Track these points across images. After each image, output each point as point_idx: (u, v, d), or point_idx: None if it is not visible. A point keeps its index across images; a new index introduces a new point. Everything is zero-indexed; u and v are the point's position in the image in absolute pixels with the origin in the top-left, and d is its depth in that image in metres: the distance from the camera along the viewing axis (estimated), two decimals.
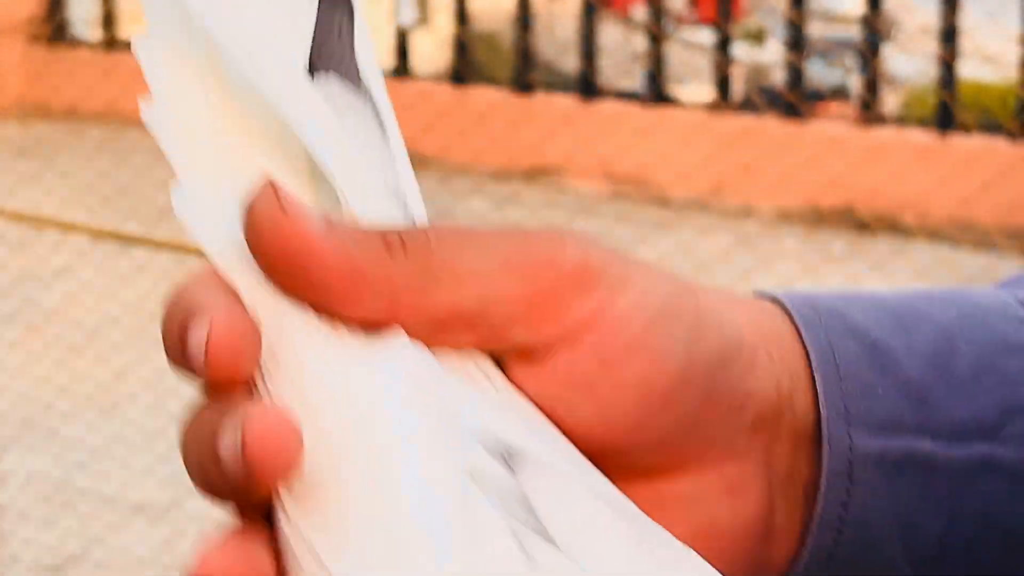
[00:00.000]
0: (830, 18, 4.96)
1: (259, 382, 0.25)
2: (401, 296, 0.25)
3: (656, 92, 4.68)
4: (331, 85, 0.28)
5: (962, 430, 0.30)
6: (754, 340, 0.29)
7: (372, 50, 0.30)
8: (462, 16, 5.19)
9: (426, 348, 0.26)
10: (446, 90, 5.06)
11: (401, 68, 5.23)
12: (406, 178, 0.29)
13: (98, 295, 3.83)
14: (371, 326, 0.25)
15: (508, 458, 0.27)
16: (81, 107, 5.30)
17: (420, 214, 0.29)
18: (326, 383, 0.25)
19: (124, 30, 5.38)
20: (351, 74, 0.29)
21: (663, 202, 4.31)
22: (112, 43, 5.42)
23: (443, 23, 5.44)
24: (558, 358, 0.26)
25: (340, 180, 0.27)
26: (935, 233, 3.83)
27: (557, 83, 5.20)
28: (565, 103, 4.92)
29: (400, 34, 5.30)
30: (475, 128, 4.43)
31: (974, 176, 3.30)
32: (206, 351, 0.23)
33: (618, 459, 0.27)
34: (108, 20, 5.49)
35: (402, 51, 5.29)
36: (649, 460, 0.28)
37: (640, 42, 5.09)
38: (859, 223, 3.73)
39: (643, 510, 0.27)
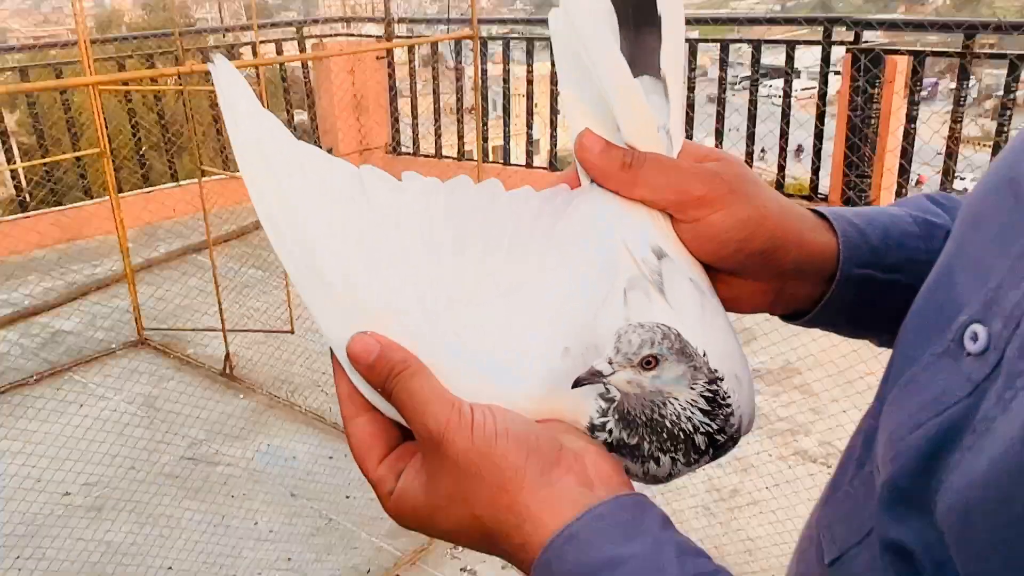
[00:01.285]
0: None
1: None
2: (623, 187, 0.56)
3: None
4: (644, 80, 0.58)
5: (887, 268, 0.60)
6: (804, 250, 0.58)
7: (676, 56, 0.58)
8: None
9: (640, 203, 0.56)
10: None
11: None
12: (674, 122, 0.58)
13: None
14: (620, 193, 0.56)
15: (659, 255, 0.55)
16: None
17: (678, 139, 0.58)
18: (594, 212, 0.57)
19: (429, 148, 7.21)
20: (654, 71, 0.58)
21: None
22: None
23: None
24: (685, 226, 0.56)
25: (625, 127, 0.56)
26: None
27: None
28: None
29: None
30: None
31: None
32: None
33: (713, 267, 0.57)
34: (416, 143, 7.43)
35: None
36: (724, 271, 0.58)
37: None
38: None
39: (720, 284, 0.58)
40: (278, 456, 3.81)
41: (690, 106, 5.75)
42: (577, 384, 0.48)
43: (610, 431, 0.50)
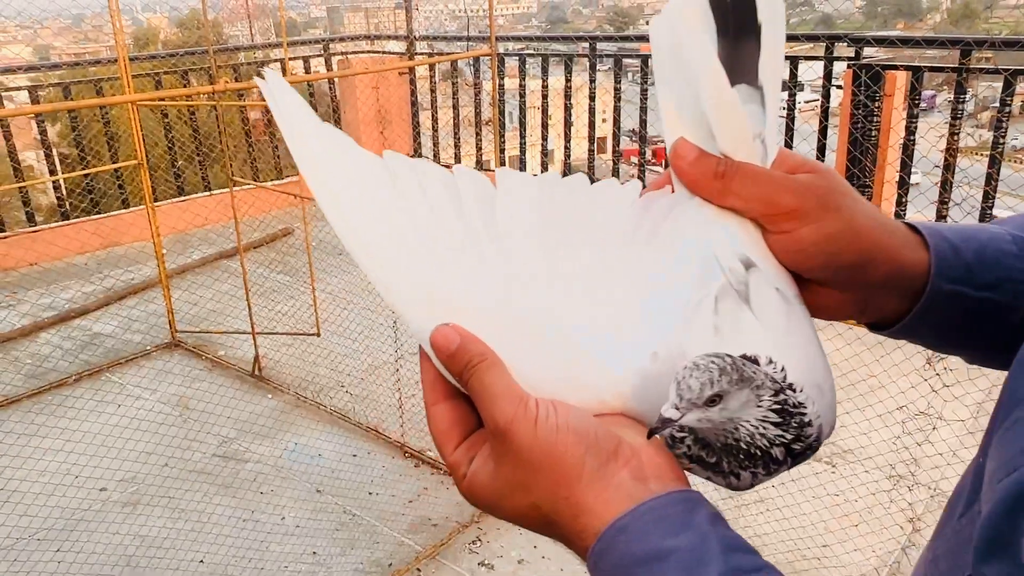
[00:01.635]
0: None
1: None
2: (715, 196, 0.54)
3: None
4: (741, 89, 0.55)
5: (981, 286, 0.57)
6: (894, 266, 0.55)
7: (775, 66, 0.55)
8: None
9: (730, 212, 0.53)
10: None
11: None
12: (769, 131, 0.55)
13: None
14: (711, 201, 0.54)
15: (747, 264, 0.53)
16: None
17: (772, 148, 0.55)
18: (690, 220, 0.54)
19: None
20: (752, 80, 0.55)
21: None
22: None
23: None
24: (775, 237, 0.54)
25: (720, 135, 0.54)
26: None
27: None
28: None
29: None
30: None
31: None
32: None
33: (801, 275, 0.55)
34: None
35: None
36: (812, 280, 0.55)
37: None
38: None
39: (807, 293, 0.55)
40: (304, 454, 3.80)
41: None
42: (651, 434, 0.48)
43: (688, 446, 0.50)
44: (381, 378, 4.28)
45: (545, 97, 6.52)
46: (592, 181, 0.57)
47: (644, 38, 7.92)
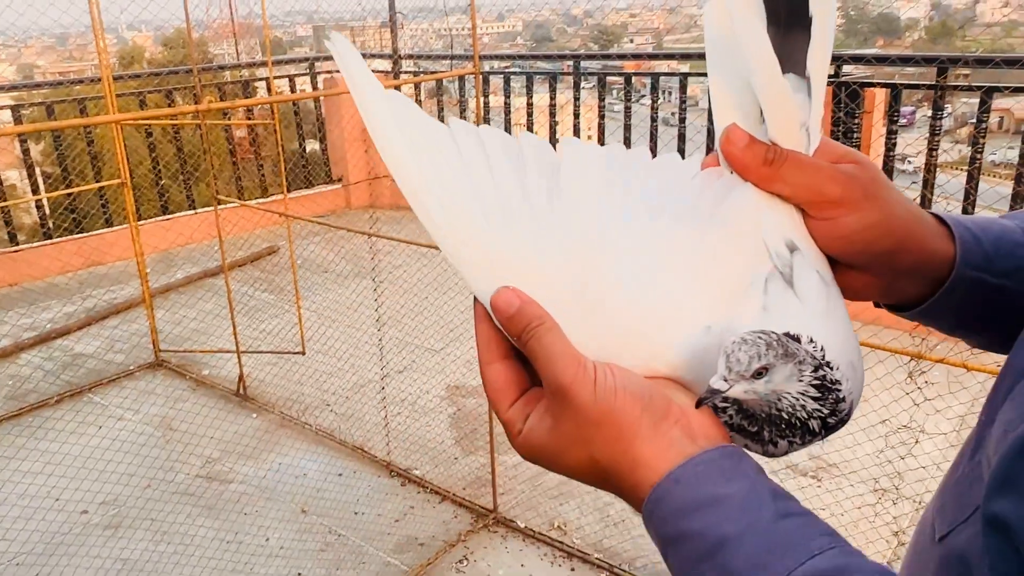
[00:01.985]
0: None
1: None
2: (762, 181, 0.56)
3: None
4: (789, 78, 0.56)
5: (997, 273, 0.61)
6: (923, 254, 0.59)
7: (823, 58, 0.56)
8: None
9: (776, 197, 0.56)
10: None
11: None
12: (814, 121, 0.57)
13: None
14: (758, 186, 0.56)
15: (791, 248, 0.55)
16: None
17: (815, 138, 0.57)
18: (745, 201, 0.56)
19: None
20: (800, 70, 0.56)
21: None
22: None
23: None
24: (817, 223, 0.56)
25: (771, 123, 0.56)
26: None
27: None
28: None
29: None
30: None
31: None
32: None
33: (838, 259, 0.58)
34: None
35: None
36: (846, 264, 0.58)
37: None
38: None
39: (837, 275, 0.58)
40: (289, 474, 3.76)
41: (680, 136, 5.74)
42: (700, 403, 0.50)
43: (731, 416, 0.53)
44: (367, 396, 4.25)
45: (530, 115, 6.54)
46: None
47: (627, 56, 7.97)
